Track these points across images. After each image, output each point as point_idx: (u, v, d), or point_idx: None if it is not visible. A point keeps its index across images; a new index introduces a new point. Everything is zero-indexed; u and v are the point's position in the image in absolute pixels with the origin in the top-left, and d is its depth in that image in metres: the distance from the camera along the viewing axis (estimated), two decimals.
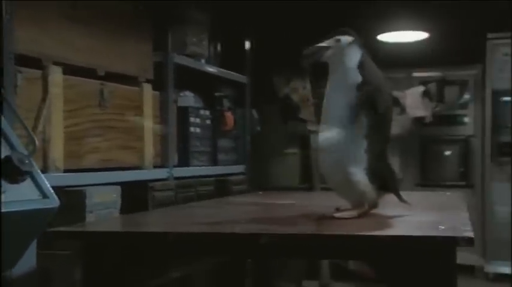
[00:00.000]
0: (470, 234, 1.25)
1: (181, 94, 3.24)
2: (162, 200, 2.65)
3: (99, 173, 2.33)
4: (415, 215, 1.62)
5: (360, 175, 1.52)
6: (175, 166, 3.02)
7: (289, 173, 4.89)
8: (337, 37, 1.65)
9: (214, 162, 3.50)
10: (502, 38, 4.59)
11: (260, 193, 3.08)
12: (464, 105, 5.04)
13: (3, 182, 1.38)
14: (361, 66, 1.61)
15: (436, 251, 1.25)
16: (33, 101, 2.03)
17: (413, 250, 1.26)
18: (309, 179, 4.80)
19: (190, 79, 3.32)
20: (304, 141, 4.83)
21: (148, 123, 2.72)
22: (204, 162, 3.37)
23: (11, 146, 1.46)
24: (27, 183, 1.47)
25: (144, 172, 2.69)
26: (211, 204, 2.43)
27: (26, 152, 1.47)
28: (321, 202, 2.23)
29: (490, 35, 4.60)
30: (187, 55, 3.14)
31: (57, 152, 2.11)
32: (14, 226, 1.40)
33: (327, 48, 1.62)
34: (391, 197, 1.64)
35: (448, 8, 4.56)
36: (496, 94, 4.63)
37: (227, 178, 3.41)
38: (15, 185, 1.42)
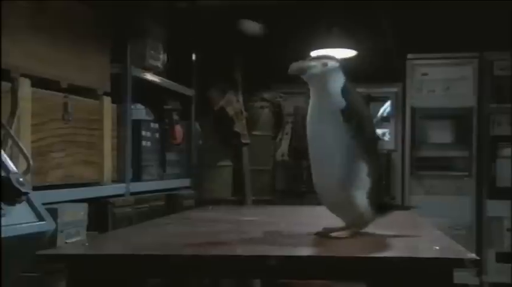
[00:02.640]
0: (474, 255, 1.32)
1: (134, 107, 3.17)
2: (122, 217, 2.59)
3: (63, 190, 2.24)
4: (396, 235, 1.67)
5: (361, 198, 1.56)
6: (129, 181, 2.95)
7: (222, 186, 4.90)
8: (324, 60, 1.67)
9: (163, 176, 3.45)
10: (421, 59, 4.87)
11: (210, 207, 3.07)
12: (386, 121, 5.28)
13: (2, 205, 1.30)
14: (345, 91, 1.63)
15: (441, 272, 1.30)
16: (3, 115, 1.92)
17: (421, 271, 1.31)
18: (240, 192, 4.83)
19: (141, 91, 3.26)
20: (236, 154, 4.86)
21: (108, 138, 2.65)
22: (155, 176, 3.32)
23: (5, 167, 1.39)
24: (23, 205, 1.39)
25: (104, 187, 2.61)
26: (177, 221, 2.39)
27: (20, 173, 1.40)
28: (282, 218, 2.25)
29: (409, 56, 4.87)
30: (145, 68, 3.08)
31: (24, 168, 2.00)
32: (12, 250, 1.32)
33: (312, 68, 1.63)
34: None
35: (373, 28, 4.78)
36: (415, 111, 4.89)
37: (178, 193, 3.37)
38: (13, 208, 1.34)
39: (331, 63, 1.65)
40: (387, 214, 1.66)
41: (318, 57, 1.70)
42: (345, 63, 1.71)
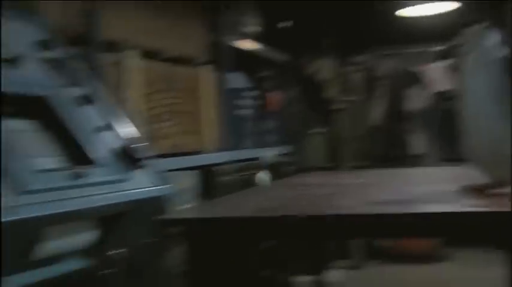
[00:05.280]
0: None
1: (231, 75, 3.18)
2: (225, 184, 2.61)
3: (171, 159, 2.28)
4: None
5: None
6: (229, 149, 2.97)
7: (315, 154, 4.86)
8: (467, 28, 1.59)
9: (262, 144, 3.45)
10: None
11: (310, 173, 3.02)
12: None
13: (125, 171, 1.33)
14: (499, 44, 1.53)
15: None
16: (112, 86, 1.97)
17: None
18: (334, 158, 4.77)
19: (238, 60, 3.26)
20: (329, 121, 4.79)
21: (209, 107, 2.67)
22: (253, 144, 3.32)
23: (124, 135, 1.42)
24: (142, 171, 1.42)
25: (206, 156, 2.63)
26: (282, 186, 2.37)
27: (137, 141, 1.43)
28: (392, 180, 2.17)
29: None
30: (241, 36, 3.07)
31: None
32: (134, 216, 1.35)
33: (461, 44, 1.56)
34: None
35: None
36: None
37: (277, 160, 3.36)
38: (132, 174, 1.37)
39: (475, 27, 1.57)
40: None
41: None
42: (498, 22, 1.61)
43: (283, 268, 3.07)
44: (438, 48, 5.01)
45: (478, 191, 1.55)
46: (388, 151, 5.09)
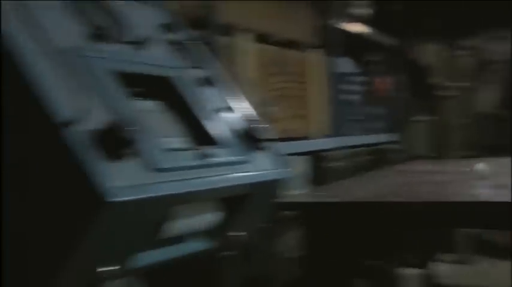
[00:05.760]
0: None
1: (339, 60, 3.11)
2: (335, 170, 2.56)
3: (282, 143, 2.26)
4: None
5: None
6: (336, 135, 2.91)
7: (418, 142, 4.67)
8: None
9: (369, 130, 3.36)
10: None
11: (418, 161, 2.91)
12: None
13: (247, 152, 1.32)
14: None
15: None
16: (229, 69, 1.97)
17: None
18: (439, 147, 4.57)
19: (347, 43, 3.18)
20: (435, 108, 4.59)
21: (318, 92, 2.62)
22: (361, 130, 3.25)
23: (246, 116, 1.40)
24: (264, 153, 1.40)
25: (316, 141, 2.60)
26: (395, 173, 2.29)
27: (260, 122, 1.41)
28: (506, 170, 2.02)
29: None
30: (350, 19, 3.00)
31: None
32: (257, 198, 1.34)
33: None
34: None
35: None
36: None
37: (385, 147, 3.27)
38: (256, 155, 1.35)
39: None
40: None
41: None
42: None
43: (391, 258, 2.99)
44: None
45: None
46: (498, 140, 4.81)
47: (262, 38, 2.26)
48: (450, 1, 4.32)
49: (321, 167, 2.51)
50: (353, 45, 3.30)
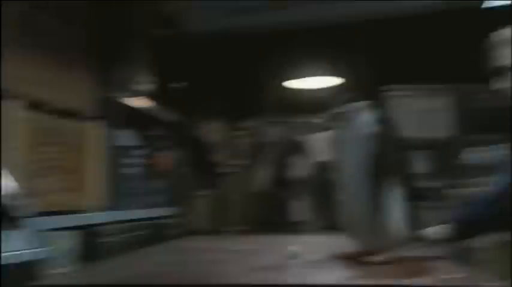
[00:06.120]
0: None
1: (120, 133, 3.09)
2: (108, 246, 2.48)
3: (49, 217, 2.13)
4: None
5: (395, 223, 1.53)
6: (114, 209, 2.84)
7: (200, 216, 4.80)
8: (350, 103, 1.68)
9: (148, 204, 3.35)
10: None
11: (194, 237, 2.97)
12: None
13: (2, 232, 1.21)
14: (372, 122, 1.62)
15: None
16: None
17: None
18: (220, 222, 4.75)
19: (126, 117, 3.18)
20: (217, 183, 4.79)
21: (94, 163, 2.56)
22: (140, 204, 3.21)
23: (3, 189, 1.30)
24: (19, 231, 1.30)
25: (90, 215, 2.50)
26: (167, 251, 2.30)
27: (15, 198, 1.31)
28: (275, 247, 2.18)
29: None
30: (131, 93, 3.01)
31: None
32: (11, 279, 1.22)
33: (343, 113, 1.64)
34: None
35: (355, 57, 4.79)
36: None
37: (163, 221, 3.27)
38: (9, 235, 1.25)
39: (357, 104, 1.66)
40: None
41: (343, 101, 1.71)
42: (375, 100, 1.70)
43: None
44: (320, 119, 5.21)
45: (350, 259, 1.59)
46: (271, 216, 5.14)
47: (36, 106, 2.15)
48: (231, 85, 4.63)
49: (94, 243, 2.41)
50: (135, 119, 3.32)
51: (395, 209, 1.53)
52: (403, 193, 1.54)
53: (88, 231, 2.39)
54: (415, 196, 1.55)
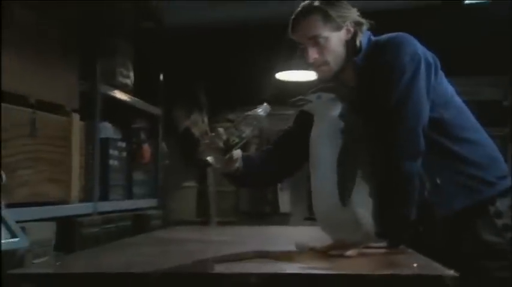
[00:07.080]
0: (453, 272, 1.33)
1: (102, 125, 3.12)
2: (89, 236, 2.52)
3: (30, 208, 2.17)
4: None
5: (364, 216, 1.57)
6: (96, 200, 2.88)
7: (187, 207, 4.85)
8: (319, 93, 1.70)
9: (130, 196, 3.39)
10: None
11: (177, 228, 3.01)
12: None
13: None
14: (342, 116, 1.66)
15: None
16: None
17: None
18: (205, 213, 4.79)
19: (109, 109, 3.22)
20: (201, 175, 4.83)
21: (75, 155, 2.59)
22: (122, 196, 3.26)
23: None
24: None
25: (71, 206, 2.53)
26: (146, 241, 2.34)
27: None
28: (253, 238, 2.23)
29: None
30: (114, 86, 3.04)
31: None
32: None
33: (309, 101, 1.67)
34: None
35: None
36: None
37: (145, 213, 3.31)
38: None
39: (325, 95, 1.68)
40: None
41: (314, 91, 1.73)
42: (344, 92, 1.73)
43: None
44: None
45: (320, 252, 1.63)
46: (256, 208, 5.20)
47: (17, 100, 2.18)
48: (216, 77, 4.67)
49: (73, 234, 2.45)
50: (117, 111, 3.35)
51: (366, 204, 1.58)
52: (374, 187, 1.58)
53: (68, 221, 2.43)
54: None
